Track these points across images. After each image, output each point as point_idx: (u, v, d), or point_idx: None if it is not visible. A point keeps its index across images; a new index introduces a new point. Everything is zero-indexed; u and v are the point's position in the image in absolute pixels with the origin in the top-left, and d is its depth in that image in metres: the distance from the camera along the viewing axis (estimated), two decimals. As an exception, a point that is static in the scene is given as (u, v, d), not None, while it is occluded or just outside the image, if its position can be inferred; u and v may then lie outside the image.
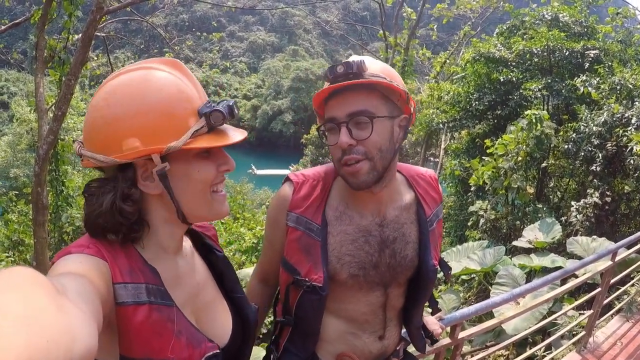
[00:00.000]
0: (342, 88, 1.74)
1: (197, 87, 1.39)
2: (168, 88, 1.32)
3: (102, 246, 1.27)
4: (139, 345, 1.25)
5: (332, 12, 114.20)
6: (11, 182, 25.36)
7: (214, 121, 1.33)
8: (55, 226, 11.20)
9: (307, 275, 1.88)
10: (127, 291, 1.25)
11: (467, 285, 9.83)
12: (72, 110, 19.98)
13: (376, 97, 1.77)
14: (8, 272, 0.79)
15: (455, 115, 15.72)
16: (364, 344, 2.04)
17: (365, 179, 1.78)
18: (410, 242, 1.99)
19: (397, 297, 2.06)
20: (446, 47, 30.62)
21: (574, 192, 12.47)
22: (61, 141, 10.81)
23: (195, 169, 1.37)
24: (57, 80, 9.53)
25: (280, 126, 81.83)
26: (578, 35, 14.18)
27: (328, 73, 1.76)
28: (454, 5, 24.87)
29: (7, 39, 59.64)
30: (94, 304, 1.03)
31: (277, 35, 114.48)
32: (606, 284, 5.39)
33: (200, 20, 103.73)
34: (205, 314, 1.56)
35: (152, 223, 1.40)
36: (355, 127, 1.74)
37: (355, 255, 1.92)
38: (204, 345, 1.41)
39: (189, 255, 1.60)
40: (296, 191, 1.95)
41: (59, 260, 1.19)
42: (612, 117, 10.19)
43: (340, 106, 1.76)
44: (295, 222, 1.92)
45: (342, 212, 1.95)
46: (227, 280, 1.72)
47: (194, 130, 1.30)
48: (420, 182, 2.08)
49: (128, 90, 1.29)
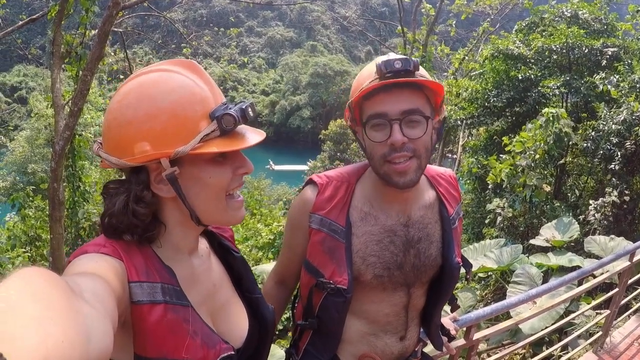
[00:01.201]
0: (395, 84, 1.71)
1: (212, 89, 1.36)
2: (179, 91, 1.30)
3: (119, 245, 1.28)
4: (153, 344, 1.25)
5: (350, 8, 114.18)
6: (29, 177, 25.68)
7: (225, 125, 1.29)
8: (72, 222, 11.27)
9: (331, 277, 1.87)
10: (143, 290, 1.25)
11: (484, 284, 9.79)
12: (90, 106, 20.16)
13: (422, 97, 1.77)
14: (24, 273, 0.78)
15: (473, 112, 15.69)
16: (385, 345, 2.03)
17: (413, 177, 1.76)
18: (434, 242, 1.99)
19: (419, 297, 2.05)
20: (465, 44, 30.42)
21: (592, 190, 12.40)
22: (78, 137, 10.85)
23: (207, 174, 1.35)
24: (74, 76, 9.58)
25: (298, 122, 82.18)
26: (598, 33, 14.09)
27: (383, 67, 1.70)
28: (473, 1, 24.78)
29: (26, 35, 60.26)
30: (109, 303, 1.03)
31: (296, 31, 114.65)
32: (624, 284, 5.33)
33: (218, 15, 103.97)
34: (221, 315, 1.55)
35: (168, 224, 1.40)
36: (406, 125, 1.72)
37: (380, 256, 1.91)
38: (219, 347, 1.40)
39: (205, 256, 1.59)
40: (320, 193, 1.94)
41: (75, 259, 1.20)
42: (631, 116, 10.10)
43: (392, 102, 1.72)
44: (319, 224, 1.91)
45: (366, 212, 1.93)
46: (245, 280, 1.71)
47: (204, 134, 1.28)
48: (441, 182, 2.07)
49: (139, 93, 1.29)
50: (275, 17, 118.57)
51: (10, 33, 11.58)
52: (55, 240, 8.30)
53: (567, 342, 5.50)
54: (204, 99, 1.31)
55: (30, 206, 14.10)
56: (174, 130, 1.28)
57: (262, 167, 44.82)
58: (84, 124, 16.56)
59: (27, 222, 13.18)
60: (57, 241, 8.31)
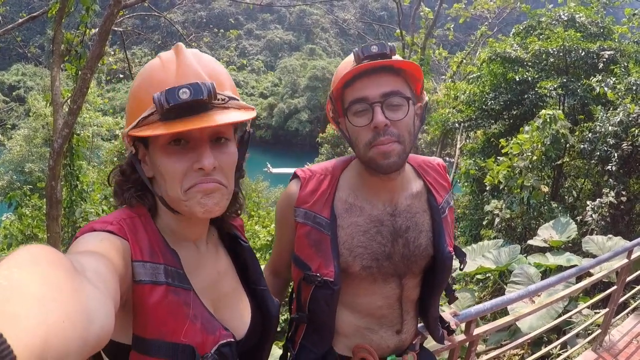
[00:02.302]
0: (374, 68, 1.72)
1: (180, 71, 1.30)
2: (143, 74, 1.37)
3: (126, 224, 1.29)
4: (153, 325, 1.25)
5: (349, 11, 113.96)
6: (26, 176, 25.64)
7: (157, 108, 1.23)
8: (69, 221, 11.22)
9: (318, 270, 1.87)
10: (146, 270, 1.26)
11: (482, 285, 9.80)
12: (88, 106, 20.11)
13: (402, 81, 1.77)
14: (26, 250, 0.79)
15: (471, 115, 15.73)
16: (381, 338, 2.02)
17: (397, 160, 1.75)
18: (423, 231, 1.97)
19: (412, 289, 2.04)
20: (463, 47, 30.52)
21: (589, 192, 12.43)
22: (76, 136, 10.84)
23: (157, 162, 1.33)
24: (74, 75, 9.58)
25: (296, 125, 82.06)
26: (594, 36, 14.16)
27: (360, 52, 1.74)
28: (471, 5, 24.82)
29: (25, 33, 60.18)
30: (111, 284, 1.03)
31: (295, 34, 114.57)
32: (622, 282, 5.35)
33: (217, 17, 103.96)
34: (224, 304, 1.55)
35: (158, 206, 1.43)
36: (388, 108, 1.72)
37: (368, 247, 1.90)
38: (219, 333, 1.40)
39: (212, 244, 1.60)
40: (303, 186, 1.94)
41: (81, 237, 1.20)
42: (628, 117, 10.14)
43: (373, 86, 1.73)
44: (303, 218, 1.92)
45: (351, 203, 1.93)
46: (251, 271, 1.70)
47: (143, 117, 1.27)
48: (429, 171, 2.06)
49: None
50: (274, 20, 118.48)
51: (10, 31, 11.58)
52: (52, 239, 8.28)
53: (565, 340, 5.50)
54: (161, 81, 1.29)
55: (27, 205, 14.08)
56: (130, 111, 1.35)
57: (260, 170, 44.75)
58: (82, 123, 16.52)
59: (23, 221, 13.19)
60: (54, 240, 8.30)
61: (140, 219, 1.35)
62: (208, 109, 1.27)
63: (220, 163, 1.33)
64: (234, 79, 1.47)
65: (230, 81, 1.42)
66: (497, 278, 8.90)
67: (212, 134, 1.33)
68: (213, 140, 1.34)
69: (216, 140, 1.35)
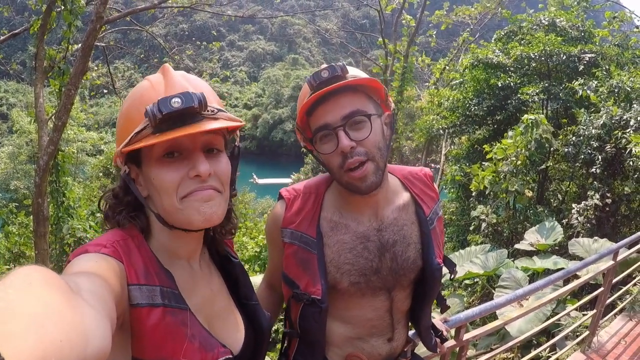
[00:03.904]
0: (329, 93, 1.71)
1: (169, 89, 1.33)
2: (133, 94, 1.38)
3: (120, 247, 1.28)
4: (151, 347, 1.25)
5: (331, 21, 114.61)
6: (11, 194, 25.39)
7: (150, 118, 1.25)
8: (57, 237, 11.17)
9: (305, 288, 1.88)
10: (142, 293, 1.25)
11: (471, 290, 9.81)
12: (72, 122, 20.00)
13: (362, 97, 1.77)
14: (23, 271, 0.79)
15: (455, 121, 15.78)
16: (373, 347, 2.03)
17: (374, 180, 1.76)
18: (411, 244, 1.98)
19: (402, 300, 2.05)
20: (445, 54, 30.65)
21: (574, 195, 12.48)
22: (61, 152, 10.79)
23: (152, 175, 1.34)
24: (57, 91, 9.56)
25: (281, 135, 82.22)
26: (575, 40, 14.24)
27: (312, 80, 1.74)
28: (452, 11, 24.98)
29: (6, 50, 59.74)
30: (108, 304, 1.03)
31: (277, 44, 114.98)
32: (608, 284, 5.40)
33: (200, 29, 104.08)
34: (219, 321, 1.55)
35: (154, 226, 1.42)
36: (351, 129, 1.72)
37: (355, 263, 1.91)
38: (217, 350, 1.41)
39: (205, 262, 1.60)
40: (288, 207, 1.96)
41: (75, 258, 1.20)
42: (610, 120, 10.20)
43: (332, 111, 1.73)
44: (290, 238, 1.93)
45: (337, 222, 1.94)
46: (242, 287, 1.71)
47: (136, 131, 1.28)
48: (415, 182, 2.07)
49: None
50: (256, 30, 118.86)
51: (-9, 48, 11.56)
52: (40, 256, 8.25)
53: (554, 342, 5.54)
54: (151, 98, 1.30)
55: (14, 222, 13.99)
56: (122, 131, 1.36)
57: (246, 181, 44.72)
58: (66, 139, 16.45)
59: (10, 238, 13.08)
60: (42, 257, 8.27)
61: (133, 240, 1.35)
62: (199, 120, 1.29)
63: (215, 170, 1.36)
64: (218, 91, 1.51)
65: (217, 98, 1.44)
66: (486, 283, 8.92)
67: (204, 144, 1.35)
68: (205, 152, 1.36)
69: (208, 152, 1.37)
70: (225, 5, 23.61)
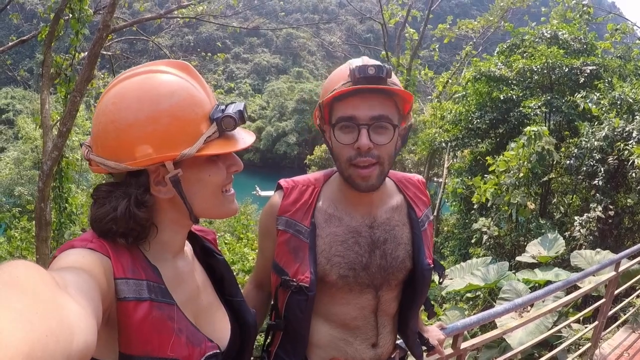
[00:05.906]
0: (367, 89, 1.74)
1: (206, 91, 1.39)
2: (179, 93, 1.31)
3: (106, 242, 1.28)
4: (138, 342, 1.24)
5: (335, 34, 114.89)
6: (15, 199, 25.40)
7: (225, 126, 1.34)
8: (58, 243, 11.15)
9: (294, 275, 1.90)
10: (129, 287, 1.24)
11: (472, 303, 9.79)
12: (77, 129, 20.05)
13: (392, 105, 1.80)
14: (9, 266, 0.80)
15: (457, 134, 15.82)
16: (356, 351, 2.04)
17: (375, 182, 1.81)
18: (402, 244, 2.01)
19: (389, 302, 2.06)
20: (448, 67, 30.66)
21: (577, 207, 12.48)
22: (65, 159, 10.83)
23: (206, 173, 1.39)
24: (63, 98, 9.61)
25: (284, 147, 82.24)
26: (577, 52, 14.30)
27: (356, 72, 1.73)
28: (455, 25, 25.03)
29: (14, 57, 59.91)
30: (94, 299, 1.03)
31: (282, 57, 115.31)
32: (610, 295, 5.37)
33: (205, 41, 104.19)
34: (205, 316, 1.56)
35: (160, 224, 1.41)
36: (374, 131, 1.75)
37: (345, 256, 1.93)
38: (204, 345, 1.41)
39: (189, 258, 1.61)
40: (286, 196, 1.98)
41: (62, 253, 1.19)
42: (613, 132, 10.22)
43: (363, 107, 1.75)
44: (284, 225, 1.95)
45: (331, 214, 1.97)
46: (227, 284, 1.72)
47: (207, 136, 1.31)
48: (409, 186, 2.12)
49: (138, 95, 1.29)
50: (261, 43, 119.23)
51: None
52: (42, 261, 8.22)
53: (556, 354, 5.51)
54: (201, 100, 1.34)
55: (16, 227, 13.99)
56: (177, 132, 1.29)
57: (249, 193, 44.58)
58: (70, 147, 16.45)
59: (12, 243, 13.07)
60: (44, 262, 8.22)
61: None
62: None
63: None
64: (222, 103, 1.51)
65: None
66: (487, 295, 8.89)
67: None
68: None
69: None
70: (231, 17, 23.65)
